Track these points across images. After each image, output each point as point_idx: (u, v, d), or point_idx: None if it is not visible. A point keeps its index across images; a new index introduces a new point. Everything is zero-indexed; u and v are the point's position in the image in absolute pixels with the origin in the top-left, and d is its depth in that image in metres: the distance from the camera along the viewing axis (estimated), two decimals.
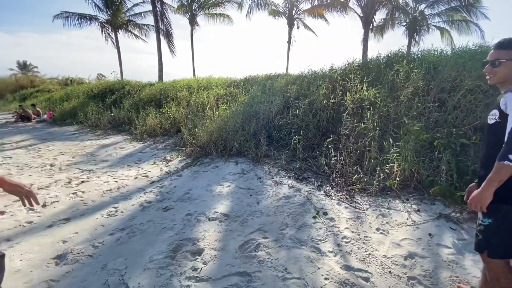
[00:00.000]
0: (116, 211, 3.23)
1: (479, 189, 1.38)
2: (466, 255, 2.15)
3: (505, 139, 1.29)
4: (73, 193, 3.75)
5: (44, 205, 3.36)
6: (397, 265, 2.09)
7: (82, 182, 4.20)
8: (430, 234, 2.42)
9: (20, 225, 2.87)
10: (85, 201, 3.50)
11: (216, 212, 3.06)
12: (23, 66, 45.07)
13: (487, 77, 1.53)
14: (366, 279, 1.95)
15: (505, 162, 1.26)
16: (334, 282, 1.93)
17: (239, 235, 2.58)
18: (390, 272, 2.02)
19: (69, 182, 4.17)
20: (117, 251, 2.41)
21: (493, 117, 1.44)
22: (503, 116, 1.36)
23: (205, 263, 2.19)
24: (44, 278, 2.06)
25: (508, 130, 1.29)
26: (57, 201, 3.48)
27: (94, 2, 16.89)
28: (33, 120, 11.69)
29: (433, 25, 16.28)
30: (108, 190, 3.89)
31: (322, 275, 2.00)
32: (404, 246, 2.30)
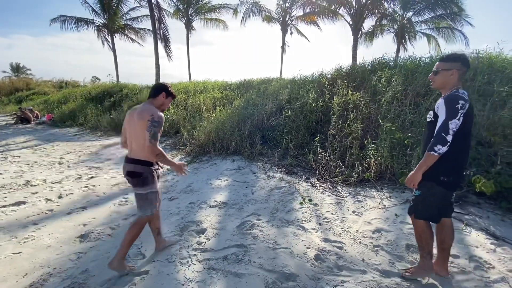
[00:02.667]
0: (126, 201, 3.63)
1: (413, 172, 1.83)
2: None
3: (434, 135, 1.73)
4: (85, 187, 4.13)
5: (60, 197, 3.74)
6: (366, 237, 2.56)
7: (92, 177, 4.58)
8: (396, 215, 2.89)
9: (42, 212, 3.26)
10: (97, 193, 3.89)
11: (216, 201, 3.49)
12: (16, 69, 44.76)
13: (430, 82, 1.93)
14: (340, 248, 2.41)
15: (432, 152, 1.70)
16: (314, 250, 2.38)
17: (236, 218, 3.01)
18: (360, 242, 2.48)
19: (79, 178, 4.54)
20: None
21: (429, 116, 1.87)
22: (436, 116, 1.77)
23: (208, 239, 2.62)
24: (74, 251, 2.47)
25: (437, 128, 1.72)
26: (72, 193, 3.86)
27: (91, 6, 17.21)
28: (32, 122, 11.93)
29: (420, 32, 17.06)
30: (116, 184, 4.28)
31: (305, 245, 2.45)
32: (373, 224, 2.76)
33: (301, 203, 3.26)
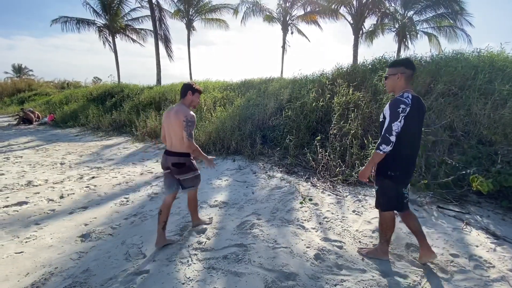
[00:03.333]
0: (127, 201, 3.64)
1: (363, 167, 2.11)
2: (422, 228, 2.62)
3: (381, 136, 1.93)
4: (86, 187, 4.15)
5: (62, 197, 3.76)
6: (366, 236, 2.56)
7: (93, 177, 4.60)
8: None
9: (44, 212, 3.28)
10: (98, 193, 3.91)
11: (216, 201, 3.50)
12: (18, 70, 44.96)
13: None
14: (340, 247, 2.41)
15: (378, 151, 1.93)
16: (314, 249, 2.38)
17: (236, 218, 3.02)
18: (359, 241, 2.49)
19: (81, 178, 4.57)
20: (133, 231, 2.84)
21: (381, 117, 2.05)
22: (384, 118, 1.95)
23: (208, 239, 2.62)
24: (75, 251, 2.48)
25: (383, 130, 1.92)
26: (73, 193, 3.88)
27: (92, 7, 17.26)
28: (34, 123, 12.00)
29: (421, 30, 16.99)
30: (117, 184, 4.30)
31: (305, 244, 2.45)
32: (373, 223, 2.76)
33: (301, 203, 3.27)
